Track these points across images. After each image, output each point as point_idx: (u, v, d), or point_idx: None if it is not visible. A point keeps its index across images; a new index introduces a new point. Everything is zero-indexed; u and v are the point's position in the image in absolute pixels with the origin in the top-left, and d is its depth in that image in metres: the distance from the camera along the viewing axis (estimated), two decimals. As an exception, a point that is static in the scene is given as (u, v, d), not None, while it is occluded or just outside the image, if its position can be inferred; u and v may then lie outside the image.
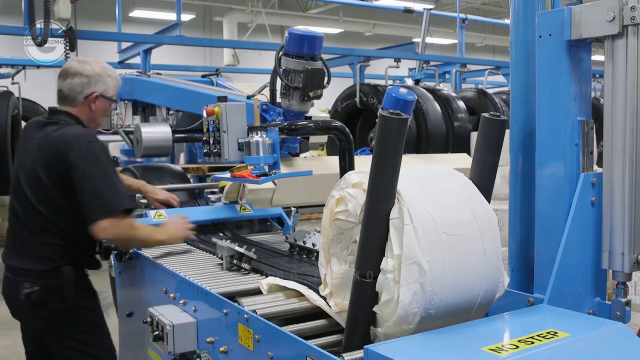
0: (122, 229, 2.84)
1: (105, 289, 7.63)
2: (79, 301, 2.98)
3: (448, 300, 1.68)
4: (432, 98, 7.92)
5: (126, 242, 3.06)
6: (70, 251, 2.95)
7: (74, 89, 3.00)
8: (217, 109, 3.24)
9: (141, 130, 4.43)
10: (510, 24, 2.28)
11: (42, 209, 2.89)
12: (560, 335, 1.58)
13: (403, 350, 1.54)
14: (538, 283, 2.06)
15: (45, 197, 2.89)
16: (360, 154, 6.34)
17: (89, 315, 3.05)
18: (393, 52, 10.05)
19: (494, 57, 22.06)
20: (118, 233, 2.85)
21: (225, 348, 2.25)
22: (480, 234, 1.76)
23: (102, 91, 3.03)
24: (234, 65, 14.47)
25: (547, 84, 2.04)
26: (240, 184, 3.60)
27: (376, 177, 1.69)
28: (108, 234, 2.84)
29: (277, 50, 3.34)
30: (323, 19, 20.28)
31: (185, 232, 3.16)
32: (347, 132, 3.28)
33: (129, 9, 17.32)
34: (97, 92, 3.02)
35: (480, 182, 1.95)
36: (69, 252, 2.94)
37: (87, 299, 3.06)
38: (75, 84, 3.00)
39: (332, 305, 2.01)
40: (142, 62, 8.37)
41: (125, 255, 3.30)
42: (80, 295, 3.00)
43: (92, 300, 3.10)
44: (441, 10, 17.63)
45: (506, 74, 11.14)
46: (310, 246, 2.96)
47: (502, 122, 2.01)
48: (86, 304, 3.04)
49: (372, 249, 1.72)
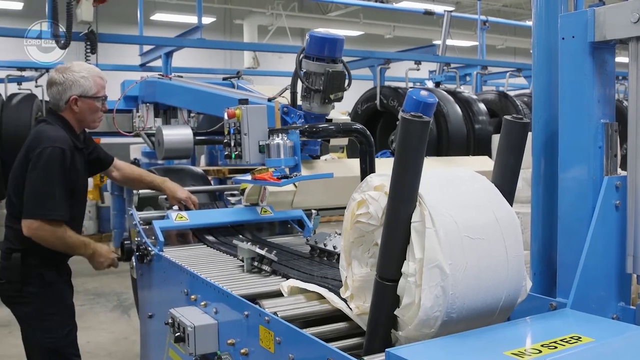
0: (45, 233, 3.13)
1: (126, 290, 7.75)
2: (26, 287, 3.23)
3: (470, 304, 1.67)
4: (452, 100, 7.88)
5: (49, 246, 3.21)
6: (25, 239, 3.16)
7: (54, 97, 3.32)
8: (238, 112, 3.25)
9: (163, 132, 4.46)
10: (533, 25, 2.26)
11: (12, 195, 3.24)
12: (584, 340, 1.57)
13: (425, 353, 1.54)
14: (561, 287, 2.05)
15: (15, 184, 3.22)
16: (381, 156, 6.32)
17: (37, 301, 3.26)
18: (413, 55, 10.01)
19: (515, 59, 21.88)
20: (41, 236, 3.13)
21: (246, 350, 2.26)
22: (502, 237, 1.75)
23: (79, 93, 3.28)
24: (254, 67, 14.51)
25: (570, 86, 2.02)
26: (261, 186, 3.61)
27: (398, 180, 1.69)
28: (31, 234, 3.12)
29: (298, 52, 3.34)
30: (343, 21, 20.25)
31: (105, 265, 3.44)
32: (368, 134, 3.27)
33: (150, 12, 17.42)
34: (74, 95, 3.27)
35: (502, 185, 1.94)
36: (24, 240, 3.16)
37: (36, 286, 3.25)
38: (54, 92, 3.31)
39: (353, 307, 2.00)
40: (164, 64, 8.41)
41: (147, 257, 3.33)
42: (27, 281, 3.23)
43: (42, 289, 3.27)
44: (462, 12, 17.55)
45: (527, 76, 11.04)
46: (331, 249, 2.96)
47: (525, 125, 1.99)
48: (34, 291, 3.25)
49: (394, 252, 1.72)
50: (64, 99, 3.28)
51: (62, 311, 3.34)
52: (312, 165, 3.55)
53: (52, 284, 3.30)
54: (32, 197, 3.12)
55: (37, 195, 3.12)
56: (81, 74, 3.29)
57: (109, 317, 7.07)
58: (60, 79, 3.27)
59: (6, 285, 3.27)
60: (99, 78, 3.36)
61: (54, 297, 3.31)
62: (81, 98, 3.29)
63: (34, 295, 3.26)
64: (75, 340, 3.42)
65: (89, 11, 7.04)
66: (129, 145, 9.95)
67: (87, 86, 3.29)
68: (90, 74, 3.32)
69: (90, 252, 3.34)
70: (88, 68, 3.37)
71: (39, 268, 3.25)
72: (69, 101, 3.28)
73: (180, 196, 3.68)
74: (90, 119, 3.37)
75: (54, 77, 3.30)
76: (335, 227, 4.16)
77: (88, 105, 3.31)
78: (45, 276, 3.27)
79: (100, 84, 3.35)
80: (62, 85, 3.27)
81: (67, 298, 3.43)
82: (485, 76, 11.51)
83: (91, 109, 3.34)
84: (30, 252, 3.22)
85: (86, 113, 3.33)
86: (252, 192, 3.69)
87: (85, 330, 3.59)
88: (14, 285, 3.24)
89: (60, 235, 3.17)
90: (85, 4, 6.98)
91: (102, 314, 7.21)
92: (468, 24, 17.32)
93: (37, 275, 3.25)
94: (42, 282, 3.27)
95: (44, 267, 3.27)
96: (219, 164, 9.62)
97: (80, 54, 7.60)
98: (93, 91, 3.32)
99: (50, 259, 3.28)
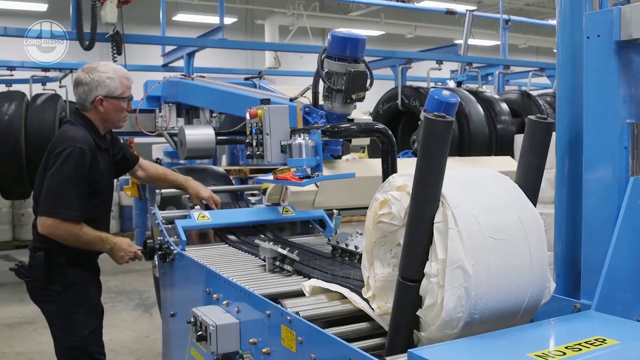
0: (60, 231, 3.17)
1: (148, 288, 7.81)
2: (50, 285, 3.28)
3: (493, 305, 1.66)
4: (474, 100, 7.83)
5: (66, 243, 3.23)
6: (49, 238, 3.20)
7: (80, 96, 3.35)
8: (260, 112, 3.26)
9: (185, 132, 4.48)
10: (557, 24, 2.24)
11: (38, 195, 3.25)
12: (608, 342, 1.55)
13: (447, 354, 1.53)
14: (585, 289, 2.03)
15: (39, 185, 3.25)
16: (402, 156, 6.31)
17: (60, 300, 3.29)
18: (435, 54, 9.97)
19: (538, 59, 21.71)
20: (56, 234, 3.17)
21: (268, 349, 2.26)
22: (526, 238, 1.74)
23: (104, 93, 3.30)
24: (276, 68, 14.54)
25: (595, 86, 2.00)
26: (283, 186, 3.61)
27: (421, 180, 1.68)
28: (47, 232, 3.17)
29: (320, 52, 3.34)
30: (364, 21, 20.22)
31: (126, 259, 3.40)
32: (389, 134, 3.26)
33: (172, 13, 17.53)
34: (99, 96, 3.29)
35: (526, 185, 1.92)
36: (48, 239, 3.20)
37: (60, 284, 3.29)
38: (80, 92, 3.33)
39: (375, 308, 2.00)
40: (186, 65, 8.47)
41: (169, 256, 3.35)
42: (52, 280, 3.27)
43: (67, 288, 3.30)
44: (483, 11, 17.45)
45: (550, 75, 10.95)
46: (353, 249, 2.96)
47: (549, 125, 1.98)
48: (58, 289, 3.29)
49: (416, 252, 1.71)
50: (89, 99, 3.31)
51: (86, 310, 3.37)
52: (334, 165, 3.55)
53: (76, 283, 3.33)
54: (48, 195, 3.16)
55: (53, 194, 3.15)
56: (107, 74, 3.31)
57: (131, 316, 7.13)
58: (87, 79, 3.29)
59: (33, 283, 3.33)
60: (125, 78, 3.38)
61: (78, 296, 3.34)
62: (106, 98, 3.31)
63: (58, 294, 3.29)
64: (100, 338, 3.44)
65: (113, 12, 7.10)
66: (151, 145, 10.02)
67: (112, 87, 3.31)
68: (117, 75, 3.34)
69: (109, 247, 3.35)
70: (114, 68, 3.40)
71: (63, 267, 3.28)
72: (95, 101, 3.30)
73: (203, 195, 3.69)
74: (115, 119, 3.40)
75: (80, 77, 3.32)
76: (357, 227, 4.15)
77: (113, 105, 3.34)
78: (69, 275, 3.30)
79: (126, 85, 3.38)
80: (88, 85, 3.29)
81: (92, 297, 3.45)
82: (508, 76, 11.42)
83: (116, 109, 3.36)
84: (54, 251, 3.25)
85: (111, 113, 3.35)
86: (273, 192, 3.70)
87: (107, 328, 3.62)
88: (39, 283, 3.29)
89: (75, 232, 3.19)
90: (110, 5, 7.05)
91: (124, 312, 7.27)
92: (490, 23, 17.20)
93: (61, 274, 3.29)
94: (66, 281, 3.30)
95: (69, 265, 3.29)
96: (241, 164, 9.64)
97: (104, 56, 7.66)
98: (119, 91, 3.33)
99: (75, 257, 3.30)
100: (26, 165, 7.41)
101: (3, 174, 7.38)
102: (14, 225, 11.75)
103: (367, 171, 3.63)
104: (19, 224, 11.71)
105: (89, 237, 3.25)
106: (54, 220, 3.15)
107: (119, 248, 3.37)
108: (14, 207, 11.61)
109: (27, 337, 6.12)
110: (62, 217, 3.14)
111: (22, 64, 8.63)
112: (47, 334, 3.41)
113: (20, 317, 6.86)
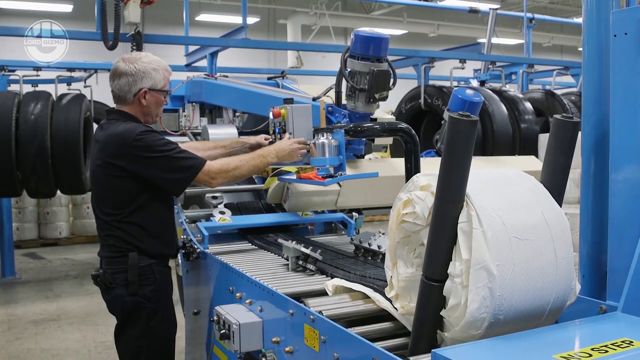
0: (217, 176, 3.03)
1: (172, 287, 7.85)
2: (141, 289, 3.03)
3: (517, 306, 1.65)
4: (498, 99, 7.79)
5: (233, 179, 3.15)
6: (131, 241, 3.01)
7: (122, 88, 3.10)
8: (283, 111, 3.27)
9: (208, 131, 4.50)
10: (583, 23, 2.23)
11: (102, 209, 3.04)
12: (635, 344, 1.53)
13: (471, 355, 1.53)
14: (611, 290, 2.01)
15: (99, 196, 3.06)
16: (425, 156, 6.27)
17: (148, 306, 3.04)
18: (458, 53, 9.92)
19: (562, 57, 21.52)
20: (219, 181, 3.04)
21: (291, 348, 2.26)
22: (551, 238, 1.72)
23: (149, 86, 3.10)
24: (298, 67, 14.55)
25: (622, 85, 1.98)
26: (284, 186, 3.63)
27: (445, 180, 1.67)
28: (215, 185, 3.06)
29: (343, 52, 3.34)
30: (387, 20, 20.17)
31: (299, 154, 3.19)
32: (413, 134, 3.25)
33: (195, 13, 17.62)
34: (144, 88, 3.10)
35: (551, 185, 1.91)
36: (129, 242, 3.01)
37: (149, 289, 3.05)
38: (123, 83, 3.09)
39: (398, 307, 2.00)
40: (209, 64, 8.51)
41: (193, 254, 3.37)
42: (140, 284, 3.03)
43: (155, 293, 3.07)
44: (507, 10, 17.31)
45: (575, 74, 10.85)
46: (376, 248, 2.96)
47: (575, 124, 1.96)
48: (147, 294, 3.05)
49: (440, 252, 1.71)
50: (133, 91, 3.09)
51: (169, 315, 3.17)
52: (357, 164, 3.55)
53: (164, 287, 3.13)
54: (176, 171, 2.97)
55: (175, 167, 2.97)
56: (152, 65, 3.13)
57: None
58: (132, 70, 3.08)
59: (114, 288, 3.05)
60: (167, 71, 3.21)
61: (163, 300, 3.13)
62: (150, 91, 3.11)
63: (147, 299, 3.05)
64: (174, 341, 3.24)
65: (136, 12, 7.17)
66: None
67: (157, 79, 3.13)
68: (160, 67, 3.17)
69: (272, 156, 3.17)
70: (157, 60, 3.21)
71: (150, 270, 3.06)
72: (139, 93, 3.09)
73: (252, 142, 3.55)
74: (154, 113, 3.21)
75: (122, 68, 3.09)
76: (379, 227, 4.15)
77: (155, 98, 3.15)
78: (157, 278, 3.08)
79: (167, 78, 3.20)
80: (133, 76, 3.08)
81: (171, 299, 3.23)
82: (532, 75, 11.32)
83: (157, 103, 3.18)
84: (141, 253, 3.03)
85: (152, 107, 3.16)
86: (275, 191, 3.70)
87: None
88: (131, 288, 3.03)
89: (224, 169, 3.06)
90: (133, 5, 7.11)
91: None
92: (514, 21, 17.08)
93: (149, 279, 3.06)
94: (154, 285, 3.07)
95: (156, 266, 3.09)
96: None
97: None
98: (162, 84, 3.16)
99: (158, 257, 3.10)
100: (51, 165, 7.50)
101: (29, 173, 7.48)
102: (39, 224, 11.88)
103: (390, 171, 3.62)
104: (44, 222, 11.84)
105: (240, 161, 3.13)
106: (203, 174, 2.99)
107: (280, 149, 3.19)
108: (39, 205, 11.74)
109: (52, 334, 6.18)
110: (197, 170, 2.98)
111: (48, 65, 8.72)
112: (72, 330, 3.40)
113: (45, 314, 6.93)
